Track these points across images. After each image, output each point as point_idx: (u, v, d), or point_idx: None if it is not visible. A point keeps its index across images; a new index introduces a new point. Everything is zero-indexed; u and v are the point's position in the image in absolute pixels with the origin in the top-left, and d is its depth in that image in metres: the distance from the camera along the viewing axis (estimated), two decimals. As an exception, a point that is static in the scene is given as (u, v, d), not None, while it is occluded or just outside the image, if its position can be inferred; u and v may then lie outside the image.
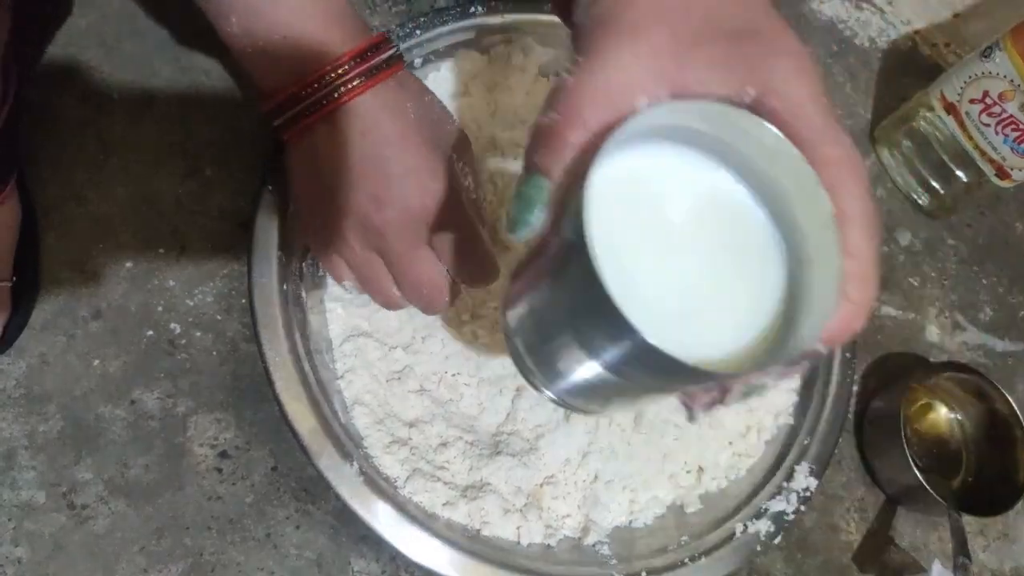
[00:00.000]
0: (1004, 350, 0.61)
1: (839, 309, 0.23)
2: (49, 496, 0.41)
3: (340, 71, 0.35)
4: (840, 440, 0.54)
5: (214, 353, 0.45)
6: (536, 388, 0.29)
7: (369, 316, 0.44)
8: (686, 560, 0.42)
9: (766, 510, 0.44)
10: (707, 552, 0.42)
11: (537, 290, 0.26)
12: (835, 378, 0.49)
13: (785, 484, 0.45)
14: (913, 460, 0.49)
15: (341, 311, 0.44)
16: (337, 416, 0.41)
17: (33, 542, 0.40)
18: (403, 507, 0.39)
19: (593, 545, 0.43)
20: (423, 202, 0.37)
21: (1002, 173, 0.57)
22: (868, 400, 0.55)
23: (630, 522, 0.44)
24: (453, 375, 0.44)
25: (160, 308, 0.46)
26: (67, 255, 0.45)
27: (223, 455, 0.44)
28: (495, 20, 0.50)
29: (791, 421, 0.48)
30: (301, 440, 0.39)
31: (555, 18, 0.37)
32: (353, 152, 0.36)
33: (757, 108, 0.24)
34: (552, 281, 0.25)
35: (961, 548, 0.47)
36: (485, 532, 0.41)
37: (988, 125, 0.56)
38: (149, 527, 0.41)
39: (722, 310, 0.25)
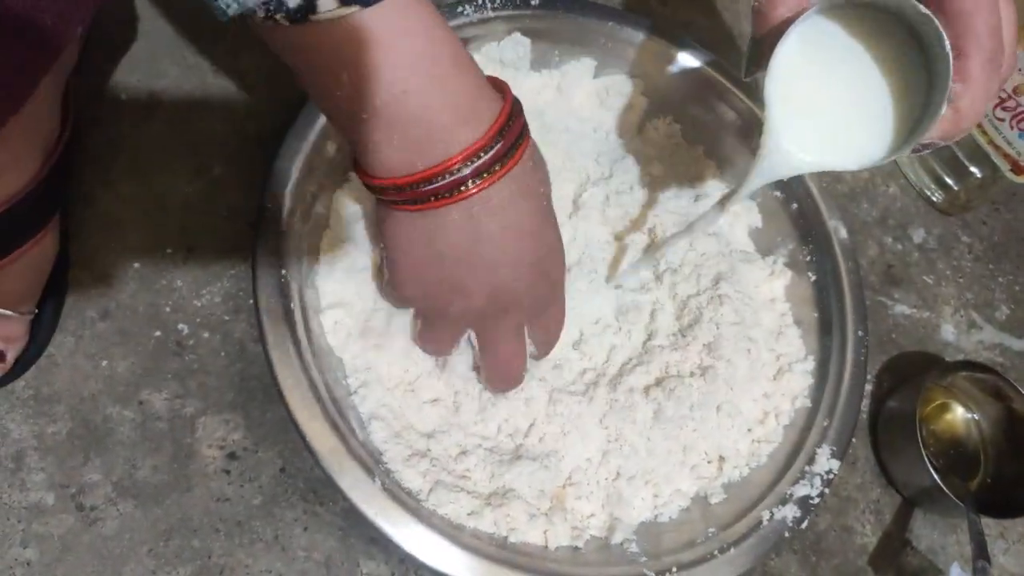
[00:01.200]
0: (1021, 349, 0.60)
1: (952, 113, 0.33)
2: (58, 498, 0.41)
3: (476, 158, 0.32)
4: (855, 440, 0.53)
5: (222, 354, 0.45)
6: None
7: (380, 335, 0.44)
8: (715, 552, 0.41)
9: (791, 495, 0.43)
10: (735, 543, 0.41)
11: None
12: (849, 355, 0.48)
13: (807, 468, 0.44)
14: (930, 461, 0.48)
15: (348, 325, 0.44)
16: (355, 433, 0.40)
17: (42, 544, 0.40)
18: (429, 521, 0.38)
19: (621, 543, 0.42)
20: (544, 293, 0.38)
21: (1017, 169, 0.57)
22: (883, 400, 0.55)
23: (655, 517, 0.44)
24: (464, 382, 0.44)
25: (168, 308, 0.45)
26: (75, 255, 0.45)
27: (231, 456, 0.43)
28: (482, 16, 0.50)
29: (808, 404, 0.47)
30: (320, 460, 0.38)
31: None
32: (484, 242, 0.34)
33: None
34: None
35: (980, 551, 0.47)
36: (513, 539, 0.40)
37: (1003, 120, 0.55)
38: (157, 529, 0.41)
39: (860, 125, 0.36)
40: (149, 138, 0.49)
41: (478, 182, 0.32)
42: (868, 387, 0.55)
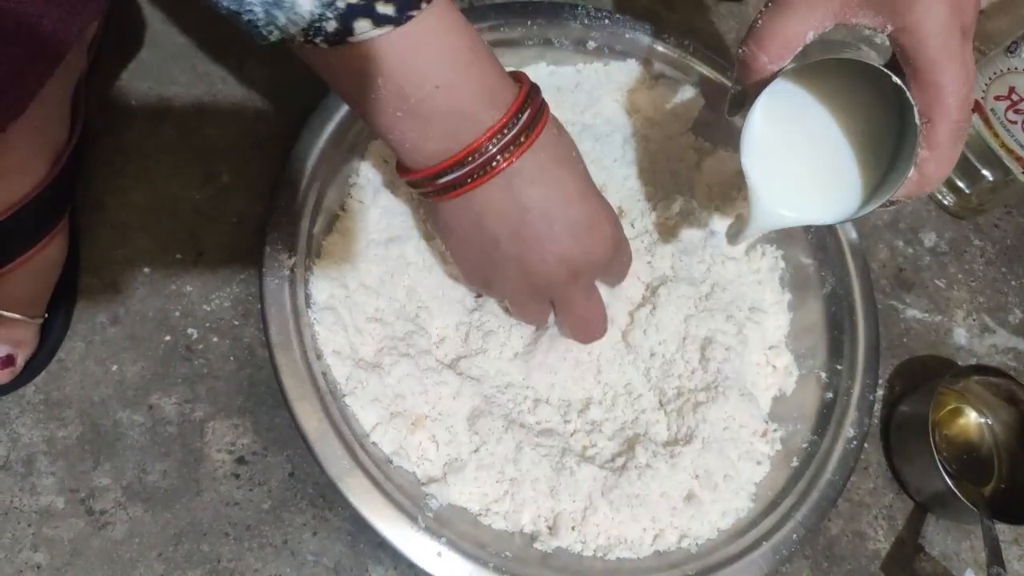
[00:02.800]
0: (1035, 353, 0.59)
1: (917, 176, 0.36)
2: (68, 502, 0.41)
3: (500, 135, 0.34)
4: (867, 445, 0.53)
5: (231, 358, 0.45)
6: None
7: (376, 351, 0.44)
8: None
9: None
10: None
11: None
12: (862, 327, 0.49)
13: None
14: (943, 466, 0.48)
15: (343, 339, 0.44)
16: (358, 438, 0.40)
17: (52, 548, 0.40)
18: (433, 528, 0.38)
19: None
20: (605, 250, 0.39)
21: (1030, 172, 0.56)
22: (895, 405, 0.54)
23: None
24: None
25: (177, 313, 0.46)
26: (85, 261, 0.46)
27: (240, 461, 0.43)
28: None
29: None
30: (335, 482, 0.38)
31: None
32: (531, 213, 0.36)
33: (892, 40, 0.35)
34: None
35: (995, 557, 0.46)
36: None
37: (1015, 122, 0.55)
38: (167, 533, 0.41)
39: (832, 182, 0.39)
40: (159, 144, 0.49)
41: (507, 155, 0.34)
42: (880, 392, 0.55)
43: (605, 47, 0.53)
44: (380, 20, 0.30)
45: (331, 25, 0.29)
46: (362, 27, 0.30)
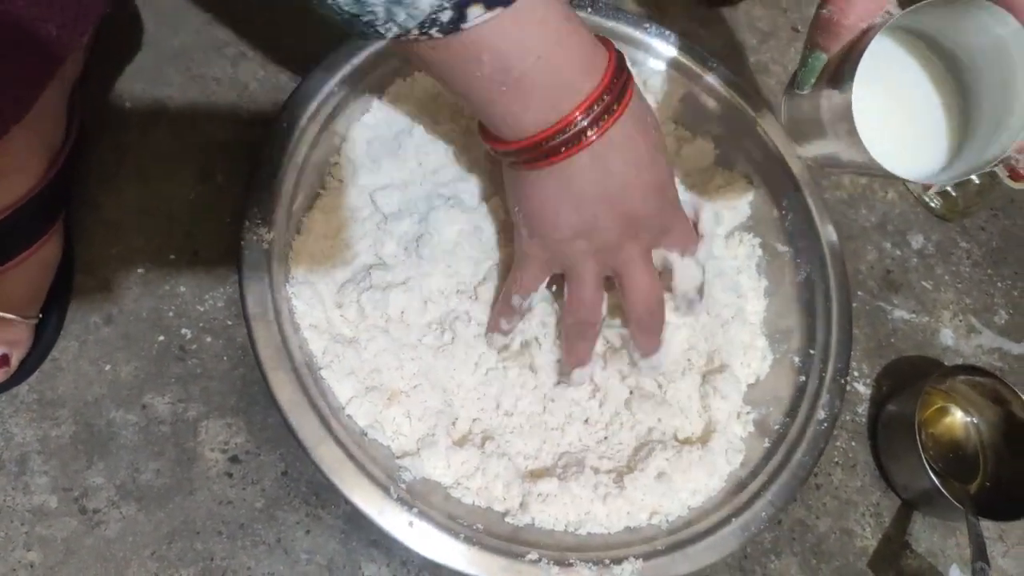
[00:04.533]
0: (1020, 353, 0.60)
1: None
2: (61, 501, 0.41)
3: (597, 104, 0.35)
4: (854, 443, 0.54)
5: (224, 358, 0.46)
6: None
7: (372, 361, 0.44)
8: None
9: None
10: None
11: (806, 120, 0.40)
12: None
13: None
14: (929, 464, 0.48)
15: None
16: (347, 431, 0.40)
17: (45, 547, 0.40)
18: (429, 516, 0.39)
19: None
20: (669, 212, 0.40)
21: (1015, 175, 0.57)
22: (882, 404, 0.55)
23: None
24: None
25: (171, 313, 0.46)
26: (80, 261, 0.46)
27: (234, 460, 0.44)
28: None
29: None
30: (334, 483, 0.38)
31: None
32: (613, 176, 0.37)
33: None
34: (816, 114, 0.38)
35: (980, 554, 0.47)
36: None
37: (1000, 126, 0.56)
38: (160, 532, 0.41)
39: (928, 140, 0.38)
40: (153, 145, 0.49)
41: (599, 126, 0.35)
42: (867, 391, 0.56)
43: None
44: (492, 3, 0.31)
45: (447, 15, 0.30)
46: (475, 13, 0.31)
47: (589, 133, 0.35)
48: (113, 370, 0.44)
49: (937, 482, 0.48)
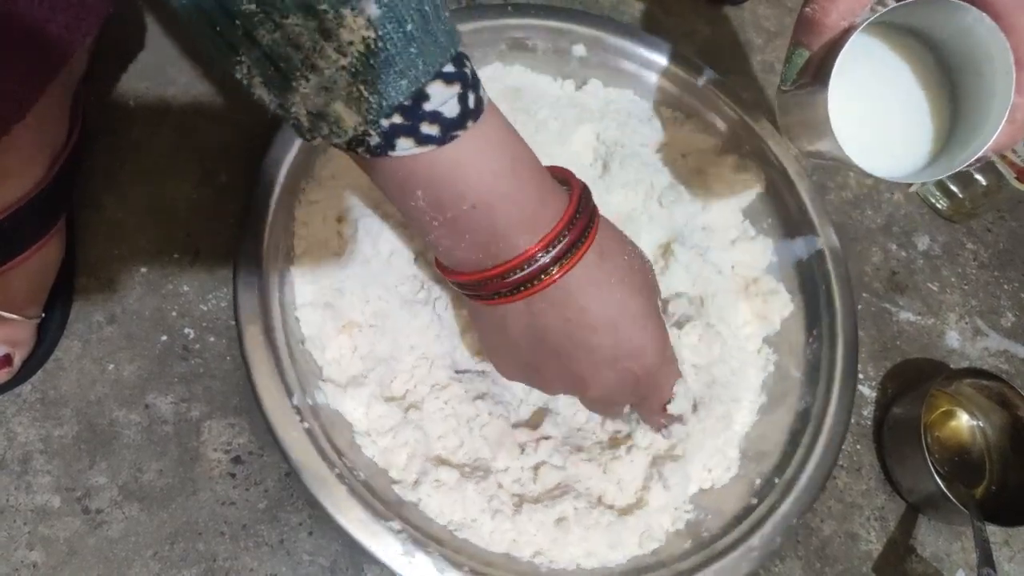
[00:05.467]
0: (1027, 356, 0.60)
1: (1008, 126, 0.35)
2: (64, 501, 0.41)
3: (549, 249, 0.33)
4: (859, 446, 0.53)
5: (228, 358, 0.45)
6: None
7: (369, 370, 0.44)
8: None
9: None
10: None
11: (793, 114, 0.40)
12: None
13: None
14: (935, 468, 0.48)
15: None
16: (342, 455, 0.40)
17: (48, 547, 0.40)
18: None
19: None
20: (634, 379, 0.37)
21: (1022, 177, 0.57)
22: (888, 407, 0.54)
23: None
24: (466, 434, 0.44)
25: (174, 313, 0.46)
26: (82, 261, 0.46)
27: (236, 460, 0.44)
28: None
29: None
30: (333, 516, 0.38)
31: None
32: (575, 329, 0.35)
33: None
34: (801, 111, 0.39)
35: (985, 559, 0.46)
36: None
37: (1008, 127, 0.55)
38: (163, 532, 0.41)
39: (909, 138, 0.38)
40: (157, 145, 0.49)
41: (555, 270, 0.33)
42: (873, 394, 0.55)
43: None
44: (423, 140, 0.29)
45: (373, 140, 0.29)
46: (404, 145, 0.29)
47: (524, 287, 0.34)
48: (116, 370, 0.44)
49: (943, 486, 0.48)
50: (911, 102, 0.38)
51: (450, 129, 0.29)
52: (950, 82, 0.38)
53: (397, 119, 0.28)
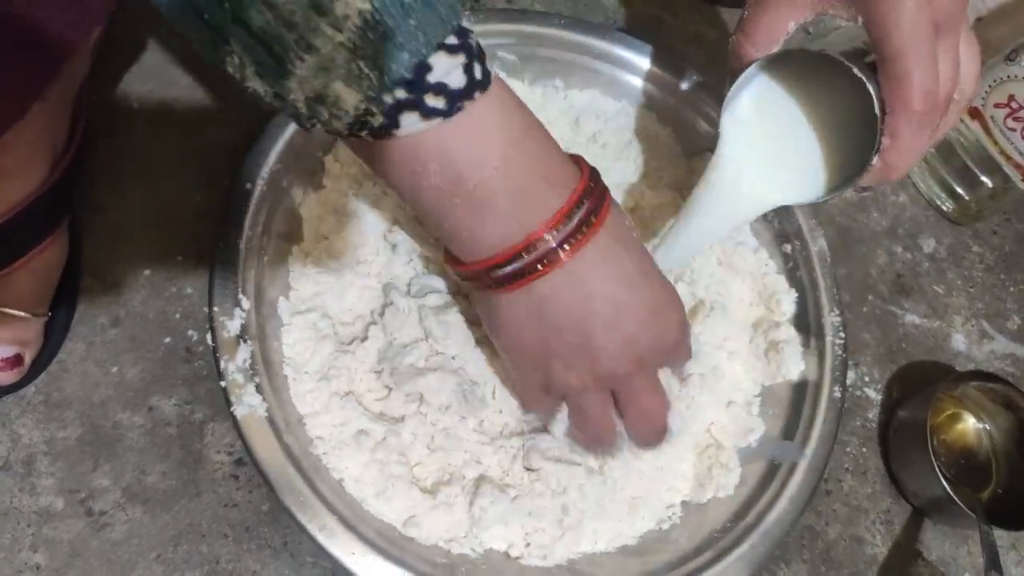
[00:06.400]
0: (1033, 359, 0.60)
1: (882, 164, 0.36)
2: (67, 503, 0.41)
3: (567, 221, 0.32)
4: (865, 449, 0.53)
5: (231, 360, 0.45)
6: None
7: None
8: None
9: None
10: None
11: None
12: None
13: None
14: (941, 471, 0.48)
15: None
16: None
17: (51, 549, 0.40)
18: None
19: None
20: (673, 335, 0.37)
21: (1029, 178, 0.56)
22: (893, 410, 0.54)
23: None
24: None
25: (178, 315, 0.46)
26: (86, 263, 0.46)
27: (239, 462, 0.44)
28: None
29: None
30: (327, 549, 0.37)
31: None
32: (596, 301, 0.34)
33: (866, 31, 0.35)
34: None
35: (992, 563, 0.46)
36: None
37: (1014, 130, 0.55)
38: (166, 534, 0.41)
39: (805, 168, 0.40)
40: (160, 146, 0.49)
41: (571, 244, 0.33)
42: (878, 397, 0.55)
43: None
44: (429, 112, 0.28)
45: (377, 120, 0.28)
46: (409, 121, 0.28)
47: (560, 253, 0.33)
48: (120, 372, 0.44)
49: (949, 489, 0.47)
50: (808, 137, 0.40)
51: (456, 100, 0.29)
52: (843, 120, 0.40)
53: (401, 93, 0.27)
